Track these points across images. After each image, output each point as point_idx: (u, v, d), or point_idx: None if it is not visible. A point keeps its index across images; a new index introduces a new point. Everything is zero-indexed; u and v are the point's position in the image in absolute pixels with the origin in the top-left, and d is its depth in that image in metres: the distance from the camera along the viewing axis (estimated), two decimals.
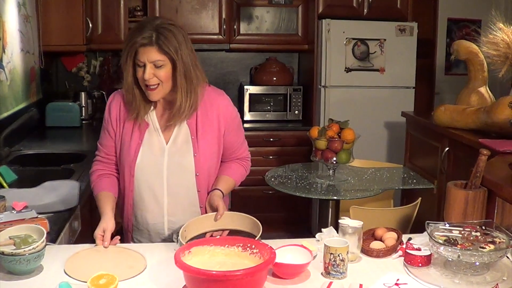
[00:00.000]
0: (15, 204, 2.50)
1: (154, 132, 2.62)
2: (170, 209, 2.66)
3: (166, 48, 2.41)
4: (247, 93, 6.04)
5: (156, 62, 2.42)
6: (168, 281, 2.08)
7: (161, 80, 2.46)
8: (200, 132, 2.61)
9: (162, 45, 2.40)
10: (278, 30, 6.13)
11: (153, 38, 2.40)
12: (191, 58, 2.50)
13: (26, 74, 4.58)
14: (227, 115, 2.68)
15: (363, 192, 3.85)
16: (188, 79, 2.49)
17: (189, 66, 2.48)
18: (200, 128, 2.61)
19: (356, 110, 5.68)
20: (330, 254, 2.11)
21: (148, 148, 2.61)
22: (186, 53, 2.47)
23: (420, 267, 2.20)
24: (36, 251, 2.07)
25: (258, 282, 1.95)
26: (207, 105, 2.64)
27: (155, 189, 2.63)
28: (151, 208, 2.66)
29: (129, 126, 2.64)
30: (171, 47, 2.41)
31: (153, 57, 2.41)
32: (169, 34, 2.42)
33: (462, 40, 4.62)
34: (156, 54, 2.41)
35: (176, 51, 2.43)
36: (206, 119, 2.63)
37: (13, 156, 3.93)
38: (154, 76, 2.44)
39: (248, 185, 5.81)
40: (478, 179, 2.59)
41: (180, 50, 2.44)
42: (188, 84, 2.50)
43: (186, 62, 2.46)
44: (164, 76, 2.45)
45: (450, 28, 6.73)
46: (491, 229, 2.29)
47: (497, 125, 3.76)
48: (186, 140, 2.61)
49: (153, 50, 2.41)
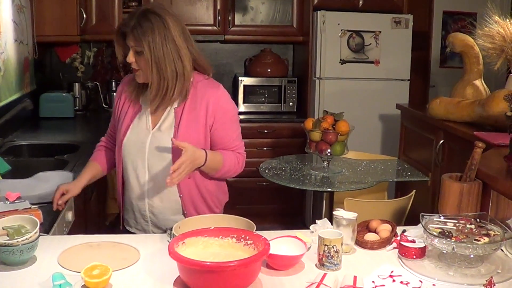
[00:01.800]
0: (9, 195, 2.49)
1: (144, 115, 2.71)
2: (151, 193, 2.71)
3: (138, 38, 2.51)
4: (241, 84, 6.02)
5: (135, 48, 2.53)
6: (161, 272, 2.07)
7: (141, 66, 2.56)
8: (184, 121, 2.64)
9: (135, 34, 2.51)
10: (273, 22, 6.12)
11: (131, 27, 2.51)
12: (173, 49, 2.54)
13: (19, 65, 4.56)
14: (217, 108, 2.67)
15: (357, 184, 3.85)
16: (160, 70, 2.54)
17: (162, 58, 2.52)
18: (184, 117, 2.64)
19: (351, 102, 5.67)
20: (324, 245, 2.11)
21: (136, 130, 2.71)
22: (161, 44, 2.52)
23: (415, 259, 2.20)
24: (29, 242, 2.07)
25: (252, 273, 1.95)
26: (198, 96, 2.66)
27: (138, 171, 2.71)
28: (134, 188, 2.74)
29: (126, 107, 2.77)
30: (143, 37, 2.49)
31: (131, 43, 2.54)
32: (146, 24, 2.50)
33: (458, 33, 4.61)
34: (134, 41, 2.52)
35: (148, 42, 2.49)
36: (193, 109, 2.65)
37: (7, 147, 3.92)
38: (135, 61, 2.56)
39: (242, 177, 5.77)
40: (473, 172, 2.59)
41: (154, 41, 2.50)
42: (160, 74, 2.55)
43: (158, 53, 2.51)
44: (143, 63, 2.55)
45: (446, 21, 6.72)
46: (485, 222, 2.29)
47: (492, 118, 3.76)
48: (170, 127, 2.66)
49: (131, 37, 2.53)
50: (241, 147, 2.83)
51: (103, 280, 1.91)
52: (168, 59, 2.53)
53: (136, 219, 2.81)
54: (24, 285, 1.95)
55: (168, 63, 2.53)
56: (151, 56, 2.50)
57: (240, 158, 2.80)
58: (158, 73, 2.54)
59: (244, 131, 5.61)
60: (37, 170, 3.17)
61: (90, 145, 3.79)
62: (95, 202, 3.96)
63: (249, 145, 5.78)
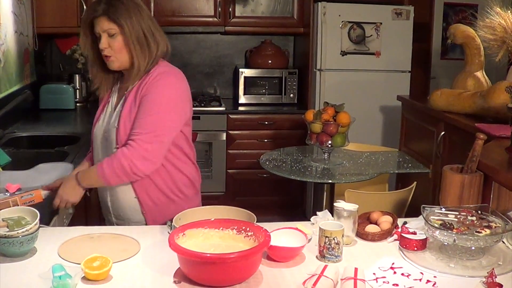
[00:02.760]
0: (9, 186, 2.49)
1: (110, 103, 2.72)
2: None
3: (114, 17, 2.50)
4: (242, 76, 6.01)
5: (109, 31, 2.52)
6: (162, 264, 2.07)
7: (114, 51, 2.55)
8: (126, 106, 2.60)
9: (110, 14, 2.50)
10: (273, 13, 6.10)
11: (103, 9, 2.51)
12: (146, 26, 2.56)
13: (19, 56, 4.55)
14: (147, 88, 2.56)
15: (358, 176, 3.84)
16: (141, 43, 2.55)
17: (141, 33, 2.54)
18: (128, 102, 2.60)
19: (352, 94, 5.66)
20: (325, 237, 2.11)
21: (102, 122, 2.71)
22: (138, 21, 2.54)
23: (416, 251, 2.20)
24: (29, 233, 2.07)
25: (253, 265, 1.95)
26: (151, 76, 2.60)
27: (100, 158, 2.70)
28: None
29: (101, 99, 2.79)
30: (119, 15, 2.50)
31: (104, 27, 2.52)
32: (117, 3, 2.52)
33: (459, 24, 4.60)
34: (106, 23, 2.51)
35: (126, 18, 2.51)
36: (138, 90, 2.60)
37: (7, 139, 3.92)
38: (109, 46, 2.54)
39: (242, 168, 5.83)
40: (474, 164, 2.58)
41: (130, 18, 2.52)
42: (143, 48, 2.55)
43: (136, 29, 2.53)
44: (117, 46, 2.54)
45: (447, 13, 6.70)
46: (487, 214, 2.29)
47: (493, 110, 3.76)
48: (119, 111, 2.64)
49: (103, 20, 2.51)
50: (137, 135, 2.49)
51: (103, 272, 1.92)
52: (149, 34, 2.56)
53: (104, 211, 2.83)
54: (24, 277, 1.95)
55: (148, 37, 2.56)
56: (130, 34, 2.52)
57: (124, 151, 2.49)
58: (140, 47, 2.55)
59: (245, 122, 5.63)
60: (38, 161, 3.17)
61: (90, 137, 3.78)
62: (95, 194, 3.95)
63: (250, 137, 5.80)
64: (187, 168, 2.74)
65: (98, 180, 2.53)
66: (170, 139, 2.57)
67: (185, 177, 2.74)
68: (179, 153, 2.68)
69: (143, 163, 2.48)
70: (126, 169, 2.47)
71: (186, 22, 5.94)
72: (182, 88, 2.64)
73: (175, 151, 2.66)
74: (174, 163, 2.67)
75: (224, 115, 5.79)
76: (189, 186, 2.77)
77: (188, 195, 2.75)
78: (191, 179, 2.77)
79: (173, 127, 2.58)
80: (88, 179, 2.56)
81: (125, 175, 2.49)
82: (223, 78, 6.51)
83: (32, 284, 1.90)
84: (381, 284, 1.97)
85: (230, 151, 5.84)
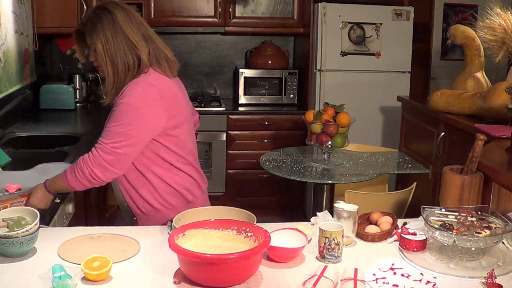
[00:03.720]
0: (9, 186, 2.49)
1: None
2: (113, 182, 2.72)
3: (90, 35, 2.55)
4: (242, 76, 6.01)
5: (90, 45, 2.58)
6: (162, 264, 2.07)
7: (98, 62, 2.58)
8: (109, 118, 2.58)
9: (87, 31, 2.55)
10: (273, 13, 6.10)
11: (83, 25, 2.58)
12: (123, 42, 2.54)
13: (20, 56, 4.54)
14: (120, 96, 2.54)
15: (358, 177, 3.84)
16: (113, 63, 2.54)
17: (114, 51, 2.53)
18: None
19: (352, 94, 5.66)
20: (325, 238, 2.11)
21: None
22: (112, 38, 2.53)
23: (416, 251, 2.20)
24: (29, 234, 2.07)
25: (253, 266, 1.95)
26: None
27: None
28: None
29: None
30: (94, 33, 2.53)
31: (88, 41, 2.58)
32: (96, 20, 2.53)
33: (459, 25, 4.60)
34: (88, 39, 2.57)
35: (99, 37, 2.52)
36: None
37: (7, 139, 3.91)
38: (94, 58, 2.59)
39: (242, 169, 5.83)
40: (474, 164, 2.58)
41: (105, 35, 2.52)
42: (114, 68, 2.55)
43: (110, 47, 2.53)
44: (99, 58, 2.56)
45: (447, 13, 6.70)
46: (487, 215, 2.29)
47: (493, 110, 3.76)
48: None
49: (86, 35, 2.57)
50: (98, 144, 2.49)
51: (103, 272, 1.92)
52: (119, 52, 2.52)
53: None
54: (24, 277, 1.94)
55: (120, 56, 2.52)
56: (103, 51, 2.52)
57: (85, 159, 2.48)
58: (112, 66, 2.54)
59: (244, 123, 5.63)
60: (38, 161, 3.16)
61: (90, 137, 3.79)
62: (95, 194, 3.96)
63: (250, 137, 5.80)
64: (172, 177, 2.66)
65: (63, 186, 2.53)
66: (131, 149, 2.48)
67: (169, 187, 2.66)
68: (159, 161, 2.62)
69: (102, 171, 2.45)
70: (86, 176, 2.46)
71: (186, 22, 5.94)
72: (149, 97, 2.50)
73: (155, 159, 2.61)
74: (156, 172, 2.62)
75: (224, 115, 5.79)
76: (176, 196, 2.69)
77: (176, 206, 2.66)
78: (176, 189, 2.68)
79: (136, 136, 2.48)
80: (54, 185, 2.55)
81: (86, 181, 2.47)
82: (223, 78, 6.51)
83: (32, 284, 1.90)
84: (381, 285, 1.96)
85: (230, 152, 5.84)
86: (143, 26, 2.61)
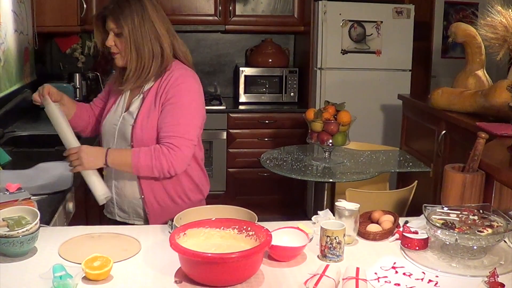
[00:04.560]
0: (9, 186, 2.48)
1: (122, 98, 2.75)
2: (115, 174, 2.73)
3: (117, 20, 2.56)
4: (242, 74, 6.00)
5: (114, 30, 2.59)
6: (163, 264, 2.06)
7: (120, 49, 2.62)
8: (146, 103, 2.64)
9: (115, 16, 2.57)
10: (274, 12, 6.09)
11: (111, 9, 2.58)
12: (150, 31, 2.59)
13: (20, 55, 4.54)
14: (169, 90, 2.61)
15: (359, 175, 3.84)
16: (138, 50, 2.58)
17: (140, 38, 2.58)
18: (147, 101, 2.65)
19: (352, 93, 5.65)
20: (326, 236, 2.10)
21: (113, 113, 2.76)
22: (139, 25, 2.57)
23: (417, 250, 2.20)
24: (29, 233, 2.06)
25: (254, 265, 1.95)
26: (168, 77, 2.65)
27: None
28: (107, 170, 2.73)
29: (113, 93, 2.83)
30: (122, 18, 2.55)
31: (110, 26, 2.59)
32: (124, 5, 2.57)
33: (460, 23, 4.59)
34: (112, 23, 2.58)
35: (128, 21, 2.55)
36: (156, 91, 2.65)
37: (7, 138, 3.91)
38: (114, 44, 2.61)
39: (243, 167, 5.82)
40: (476, 163, 2.58)
41: (133, 21, 2.56)
42: (138, 54, 2.59)
43: (137, 33, 2.57)
44: (120, 45, 2.60)
45: (447, 11, 6.69)
46: (488, 213, 2.28)
47: (494, 108, 3.75)
48: (135, 109, 2.68)
49: (110, 19, 2.59)
50: (175, 138, 2.54)
51: (104, 272, 1.91)
52: (145, 39, 2.58)
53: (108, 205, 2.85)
54: (24, 277, 1.94)
55: (146, 44, 2.58)
56: (130, 36, 2.56)
57: (164, 151, 2.52)
58: (137, 53, 2.58)
59: (245, 121, 5.62)
60: (38, 161, 3.16)
61: None
62: None
63: (250, 136, 5.79)
64: (195, 172, 2.76)
65: (127, 165, 2.54)
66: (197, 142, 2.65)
67: (192, 182, 2.75)
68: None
69: (181, 166, 2.56)
70: (163, 169, 2.51)
71: (187, 21, 5.93)
72: (201, 92, 2.70)
73: None
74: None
75: (225, 114, 5.78)
76: (195, 191, 2.79)
77: (193, 201, 2.76)
78: (197, 184, 2.78)
79: (198, 131, 2.67)
80: (118, 159, 2.55)
81: (159, 173, 2.53)
82: (224, 77, 6.50)
83: (32, 284, 1.89)
84: (382, 284, 1.96)
85: (231, 150, 5.83)
86: (167, 21, 2.68)
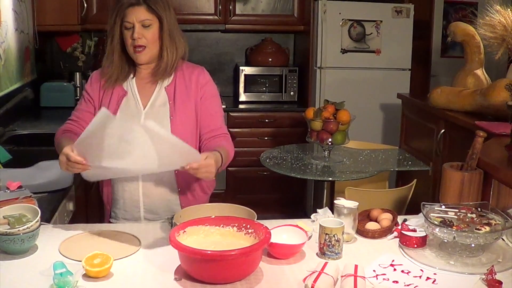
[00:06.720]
0: (9, 184, 2.49)
1: (132, 98, 2.67)
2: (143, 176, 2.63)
3: (154, 7, 2.53)
4: (242, 74, 6.01)
5: (144, 22, 2.53)
6: (162, 261, 2.07)
7: (148, 41, 2.55)
8: (178, 97, 2.64)
9: (151, 4, 2.53)
10: (274, 11, 6.09)
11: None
12: (175, 22, 2.63)
13: (20, 54, 4.55)
14: (205, 83, 2.70)
15: (358, 174, 3.85)
16: (172, 38, 2.60)
17: (174, 27, 2.60)
18: (178, 93, 2.65)
19: (352, 92, 5.66)
20: (325, 234, 2.11)
21: (125, 112, 2.64)
22: (172, 15, 2.60)
23: (416, 248, 2.21)
24: (30, 231, 2.07)
25: (253, 262, 1.96)
26: (186, 75, 2.69)
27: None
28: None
29: (108, 94, 2.68)
30: (158, 6, 2.54)
31: (141, 17, 2.53)
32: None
33: (459, 22, 4.60)
34: (145, 13, 2.53)
35: (164, 10, 2.55)
36: (184, 85, 2.67)
37: (8, 136, 3.92)
38: (142, 36, 2.54)
39: (243, 166, 5.82)
40: (474, 161, 2.58)
41: (168, 10, 2.57)
42: (173, 43, 2.61)
43: (171, 22, 2.59)
44: (151, 37, 2.56)
45: (447, 10, 6.70)
46: (486, 211, 2.29)
47: (493, 107, 3.76)
48: (164, 104, 2.64)
49: (141, 10, 2.53)
50: (222, 124, 2.78)
51: (104, 269, 1.92)
52: (177, 30, 2.62)
53: (126, 208, 2.70)
54: (25, 274, 1.95)
55: (177, 34, 2.62)
56: (168, 22, 2.56)
57: (230, 141, 2.76)
58: (171, 44, 2.59)
59: (245, 120, 5.63)
60: (38, 159, 3.17)
61: None
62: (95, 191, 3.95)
63: (250, 135, 5.79)
64: None
65: (225, 161, 2.58)
66: None
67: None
68: None
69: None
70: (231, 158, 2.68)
71: (187, 20, 5.92)
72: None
73: None
74: None
75: (225, 113, 5.77)
76: (211, 186, 2.89)
77: (209, 194, 2.85)
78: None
79: None
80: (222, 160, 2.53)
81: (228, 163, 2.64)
82: (224, 76, 6.50)
83: (33, 281, 1.90)
84: (381, 281, 1.97)
85: None
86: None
